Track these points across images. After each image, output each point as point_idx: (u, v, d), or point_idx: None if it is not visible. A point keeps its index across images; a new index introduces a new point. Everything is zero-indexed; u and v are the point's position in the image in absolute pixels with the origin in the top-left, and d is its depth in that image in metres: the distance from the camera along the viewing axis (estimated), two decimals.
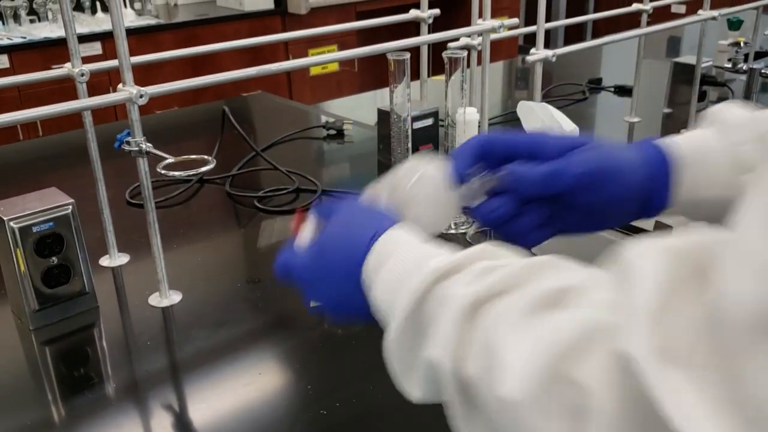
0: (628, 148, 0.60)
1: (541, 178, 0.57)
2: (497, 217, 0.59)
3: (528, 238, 0.61)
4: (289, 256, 0.60)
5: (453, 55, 1.04)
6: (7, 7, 3.01)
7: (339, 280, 0.54)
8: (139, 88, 0.80)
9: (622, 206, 0.59)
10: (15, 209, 0.85)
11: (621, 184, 0.58)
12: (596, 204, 0.58)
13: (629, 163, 0.58)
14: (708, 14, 1.50)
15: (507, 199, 0.59)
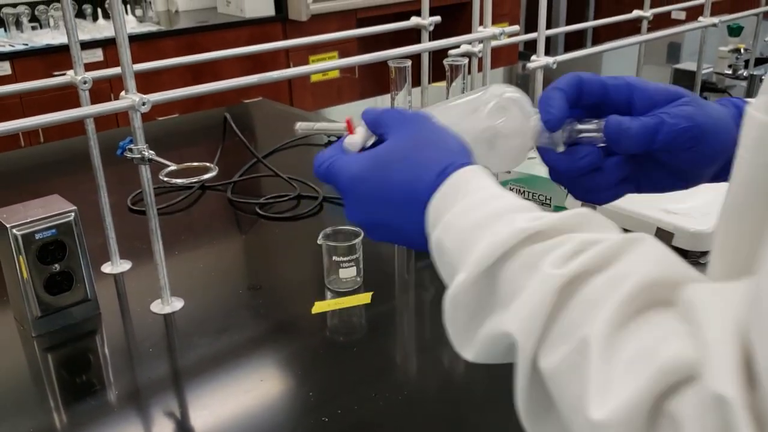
0: (719, 105, 0.57)
1: (642, 134, 0.53)
2: (581, 168, 0.56)
3: (607, 194, 0.58)
4: (337, 157, 0.54)
5: (454, 62, 1.04)
6: (9, 14, 3.02)
7: (396, 205, 0.50)
8: (142, 96, 0.80)
9: (709, 166, 0.57)
10: (17, 216, 0.86)
11: (715, 143, 0.55)
12: (686, 162, 0.56)
13: (723, 121, 0.55)
14: (708, 21, 1.51)
15: (594, 149, 0.55)
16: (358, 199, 0.52)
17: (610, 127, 0.54)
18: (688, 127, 0.54)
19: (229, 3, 3.38)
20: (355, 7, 3.54)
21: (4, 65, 2.79)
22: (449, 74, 1.17)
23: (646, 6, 1.53)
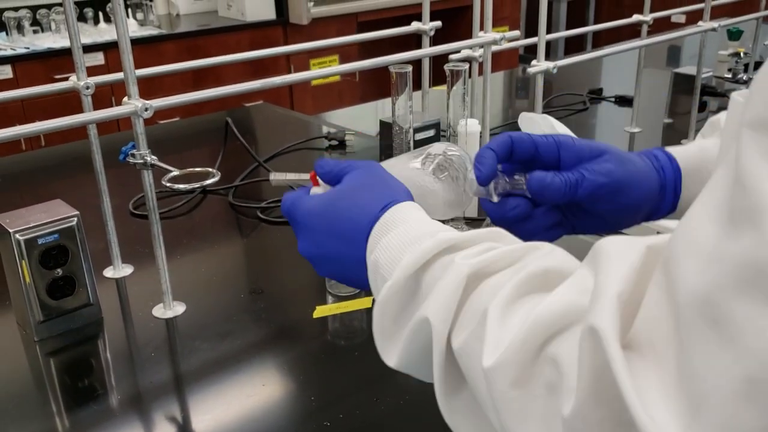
0: (640, 157, 0.63)
1: (563, 188, 0.60)
2: (514, 216, 0.62)
3: (541, 237, 0.62)
4: (298, 196, 0.60)
5: (455, 67, 1.05)
6: (11, 18, 3.02)
7: (342, 238, 0.55)
8: (144, 102, 0.81)
9: (634, 213, 0.63)
10: (20, 221, 0.86)
11: (635, 194, 0.61)
12: (608, 211, 0.62)
13: (643, 173, 0.62)
14: (708, 25, 1.51)
15: (523, 200, 0.62)
16: (310, 232, 0.58)
17: (533, 182, 0.61)
18: (606, 182, 0.60)
19: (230, 6, 3.38)
20: (355, 10, 3.54)
21: (5, 69, 2.79)
22: (450, 79, 1.17)
23: (646, 10, 1.54)
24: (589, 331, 0.34)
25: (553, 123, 1.09)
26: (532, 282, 0.43)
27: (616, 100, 1.91)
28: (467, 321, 0.44)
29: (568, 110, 1.83)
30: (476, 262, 0.45)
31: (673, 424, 0.31)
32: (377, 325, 0.50)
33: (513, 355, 0.39)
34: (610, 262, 0.36)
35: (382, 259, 0.51)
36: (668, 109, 1.72)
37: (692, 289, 0.31)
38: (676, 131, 1.65)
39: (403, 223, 0.52)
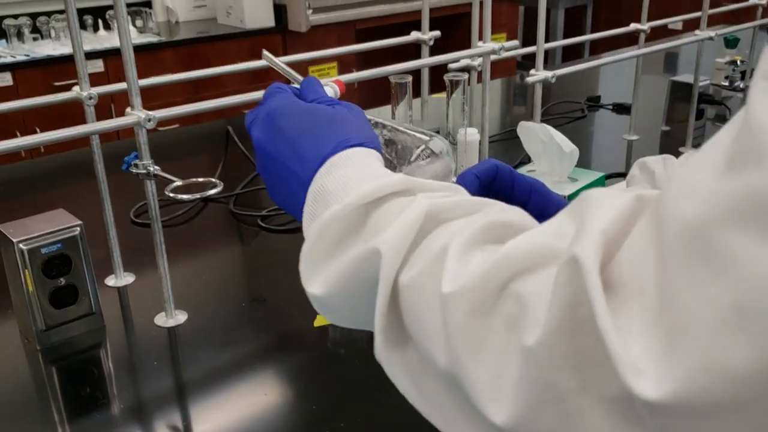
0: None
1: None
2: None
3: None
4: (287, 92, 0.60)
5: (454, 77, 1.06)
6: (11, 26, 3.03)
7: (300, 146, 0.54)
8: (147, 113, 0.81)
9: None
10: (24, 231, 0.87)
11: None
12: None
13: None
14: (705, 34, 1.52)
15: None
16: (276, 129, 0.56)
17: None
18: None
19: (229, 14, 3.39)
20: (354, 18, 3.56)
21: (5, 76, 2.80)
22: (449, 88, 1.18)
23: (644, 19, 1.55)
24: (570, 260, 0.33)
25: (551, 132, 1.10)
26: (495, 231, 0.42)
27: (614, 107, 1.92)
28: (420, 258, 0.42)
29: (566, 118, 1.84)
30: (437, 202, 0.44)
31: (649, 355, 0.30)
32: (308, 249, 0.47)
33: (476, 283, 0.38)
34: (597, 205, 0.36)
35: (331, 185, 0.50)
36: (666, 116, 1.73)
37: (683, 223, 0.30)
38: (673, 139, 1.65)
39: (364, 165, 0.51)
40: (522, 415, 0.35)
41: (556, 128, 1.12)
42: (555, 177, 1.13)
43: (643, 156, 0.71)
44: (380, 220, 0.46)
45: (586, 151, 1.63)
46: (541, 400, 0.34)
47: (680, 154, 1.57)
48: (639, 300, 0.32)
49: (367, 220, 0.46)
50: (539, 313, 0.34)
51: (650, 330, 0.30)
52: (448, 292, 0.38)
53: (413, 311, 0.42)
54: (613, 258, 0.34)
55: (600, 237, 0.33)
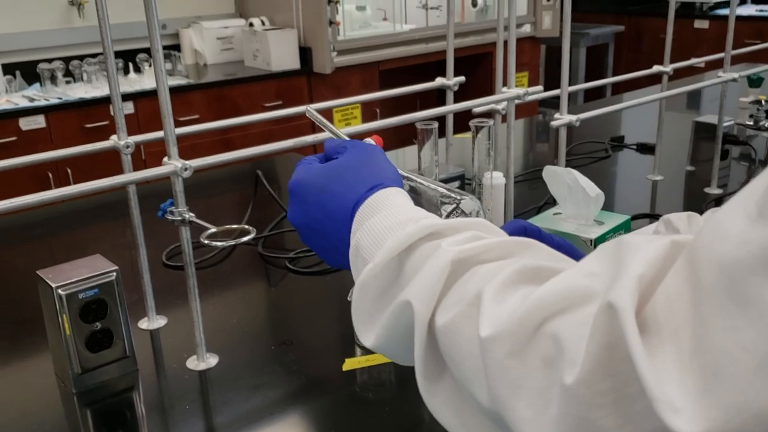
0: None
1: None
2: None
3: None
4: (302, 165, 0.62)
5: (480, 123, 1.08)
6: (45, 70, 3.12)
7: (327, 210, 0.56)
8: (184, 162, 0.84)
9: None
10: (62, 276, 0.89)
11: None
12: None
13: None
14: (728, 75, 1.53)
15: None
16: (300, 200, 0.59)
17: None
18: None
19: (256, 57, 3.47)
20: (377, 59, 3.62)
21: (39, 118, 2.88)
22: (474, 132, 1.20)
23: (666, 61, 1.57)
24: (607, 306, 0.35)
25: (576, 176, 1.11)
26: (527, 274, 0.44)
27: (637, 147, 1.92)
28: (454, 302, 0.44)
29: (590, 158, 1.85)
30: (463, 249, 0.46)
31: (685, 393, 0.31)
32: (356, 307, 0.50)
33: (512, 326, 0.39)
34: (633, 250, 0.37)
35: (364, 241, 0.52)
36: (690, 156, 1.73)
37: (718, 268, 0.32)
38: (698, 179, 1.66)
39: (387, 208, 0.53)
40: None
41: (580, 169, 1.14)
42: (581, 220, 1.13)
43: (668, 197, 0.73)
44: (411, 269, 0.48)
45: (610, 191, 1.63)
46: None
47: (705, 195, 1.57)
48: (675, 341, 0.33)
49: (401, 270, 0.49)
50: (576, 353, 0.36)
51: (686, 370, 0.32)
52: (485, 336, 0.40)
53: (452, 354, 0.44)
54: (649, 300, 0.35)
55: (636, 282, 0.35)
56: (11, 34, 3.17)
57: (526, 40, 4.13)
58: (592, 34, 4.99)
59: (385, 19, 4.04)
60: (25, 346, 1.06)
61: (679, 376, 0.32)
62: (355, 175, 0.57)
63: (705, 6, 4.94)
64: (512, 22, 1.21)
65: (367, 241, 0.52)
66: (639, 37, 5.20)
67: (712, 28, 4.83)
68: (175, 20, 3.61)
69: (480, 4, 4.17)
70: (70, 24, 3.33)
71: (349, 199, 0.55)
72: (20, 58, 3.19)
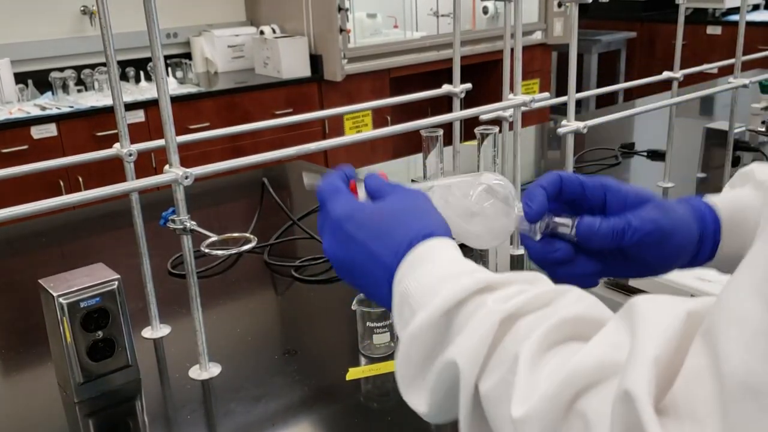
0: (681, 205, 0.64)
1: (610, 235, 0.60)
2: (554, 259, 0.62)
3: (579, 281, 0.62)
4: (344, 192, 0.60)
5: (485, 131, 1.07)
6: (57, 78, 3.15)
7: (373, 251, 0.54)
8: (185, 170, 0.84)
9: (674, 260, 0.63)
10: (64, 285, 0.89)
11: (678, 242, 0.61)
12: (652, 257, 0.62)
13: (685, 222, 0.62)
14: (739, 81, 1.52)
15: (566, 243, 0.61)
16: (342, 234, 0.57)
17: (582, 227, 0.60)
18: (653, 229, 0.60)
19: (266, 64, 3.48)
20: (388, 67, 3.61)
21: (50, 127, 2.90)
22: (480, 140, 1.19)
23: (676, 67, 1.55)
24: (624, 394, 0.34)
25: None
26: (564, 329, 0.43)
27: (648, 154, 1.91)
28: (496, 365, 0.43)
29: (600, 165, 1.83)
30: (509, 306, 0.45)
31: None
32: (404, 357, 0.48)
33: (543, 406, 0.39)
34: (648, 325, 0.37)
35: (413, 288, 0.50)
36: (701, 163, 1.71)
37: (737, 362, 0.32)
38: (709, 186, 1.64)
39: (439, 258, 0.52)
40: None
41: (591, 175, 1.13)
42: None
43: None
44: (459, 325, 0.47)
45: None
46: None
47: None
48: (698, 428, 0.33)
49: (450, 325, 0.47)
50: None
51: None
52: (517, 417, 0.40)
53: (494, 424, 0.43)
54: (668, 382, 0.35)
55: (652, 365, 0.35)
56: (23, 43, 3.20)
57: (538, 47, 4.12)
58: (604, 41, 4.97)
59: (396, 27, 4.04)
60: (28, 355, 1.06)
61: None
62: (407, 218, 0.55)
63: (718, 12, 4.91)
64: (518, 29, 1.20)
65: (415, 288, 0.50)
66: (651, 44, 5.17)
67: (725, 33, 4.79)
68: (187, 28, 3.62)
69: (491, 11, 4.16)
70: (82, 33, 3.35)
71: (400, 244, 0.53)
72: (32, 66, 3.21)
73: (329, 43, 3.38)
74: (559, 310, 0.44)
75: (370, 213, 0.57)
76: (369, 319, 0.98)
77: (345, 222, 0.57)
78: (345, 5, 3.35)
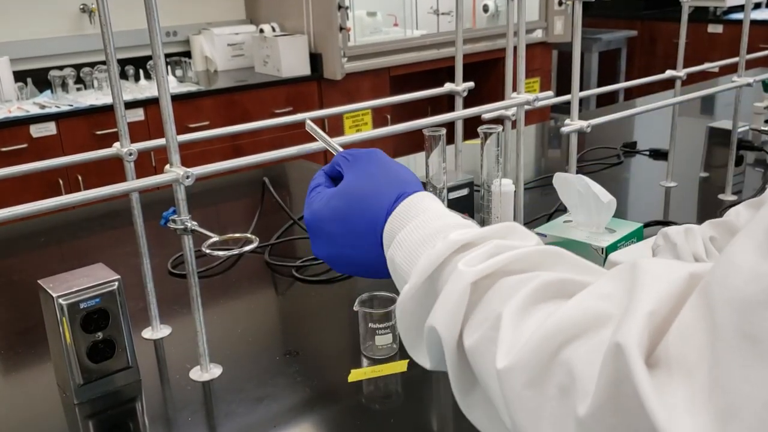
0: None
1: None
2: None
3: None
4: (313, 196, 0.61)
5: (488, 130, 1.06)
6: (56, 76, 3.13)
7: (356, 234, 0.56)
8: (186, 170, 0.83)
9: None
10: (64, 286, 0.88)
11: None
12: None
13: None
14: (743, 81, 1.51)
15: None
16: (322, 233, 0.59)
17: None
18: None
19: (266, 63, 3.47)
20: (388, 65, 3.60)
21: (49, 125, 2.89)
22: (483, 139, 1.18)
23: (679, 66, 1.54)
24: (614, 346, 0.34)
25: (588, 183, 1.09)
26: (548, 289, 0.44)
27: (650, 153, 1.90)
28: (479, 322, 0.44)
29: (602, 164, 1.82)
30: (482, 268, 0.46)
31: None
32: (400, 325, 0.51)
33: (527, 356, 0.40)
34: (649, 280, 0.37)
35: (398, 258, 0.52)
36: (704, 162, 1.70)
37: (731, 305, 0.31)
38: (712, 185, 1.63)
39: (416, 216, 0.53)
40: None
41: (591, 175, 1.12)
42: (592, 228, 1.11)
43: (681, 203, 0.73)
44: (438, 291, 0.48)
45: (622, 198, 1.61)
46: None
47: (720, 201, 1.54)
48: (688, 379, 0.33)
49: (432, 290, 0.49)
50: (588, 384, 0.36)
51: (700, 409, 0.31)
52: (501, 367, 0.40)
53: (480, 376, 0.44)
54: (662, 337, 0.35)
55: (646, 319, 0.34)
56: (23, 41, 3.19)
57: (538, 46, 4.11)
58: (605, 39, 4.96)
59: (396, 25, 4.03)
60: (28, 356, 1.05)
61: (691, 415, 0.31)
62: (373, 189, 0.56)
63: (719, 10, 4.90)
64: (521, 28, 1.19)
65: (400, 257, 0.52)
66: (652, 42, 5.16)
67: (726, 32, 4.78)
68: (186, 27, 3.61)
69: (491, 10, 4.15)
70: (82, 31, 3.34)
71: (377, 218, 0.55)
72: (31, 65, 3.20)
73: (329, 42, 3.37)
74: (544, 274, 0.45)
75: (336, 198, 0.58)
76: (371, 320, 0.97)
77: (317, 220, 0.59)
78: (345, 3, 3.34)
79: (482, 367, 0.44)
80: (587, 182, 1.09)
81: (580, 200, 1.11)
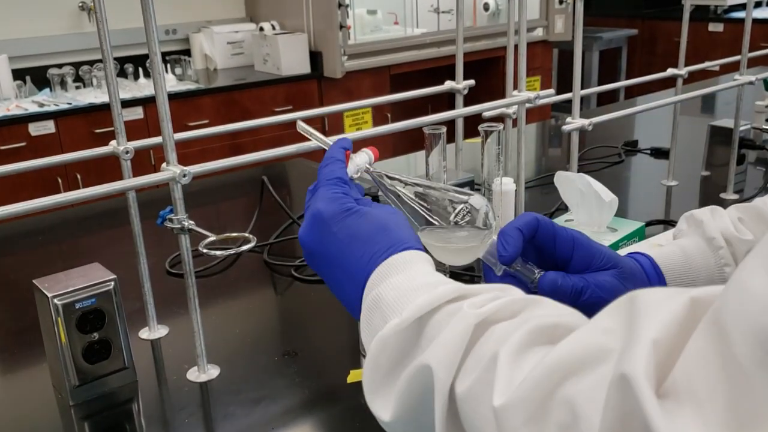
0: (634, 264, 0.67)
1: (570, 292, 0.63)
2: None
3: None
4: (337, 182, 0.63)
5: (489, 128, 1.05)
6: (55, 75, 3.12)
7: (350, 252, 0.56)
8: (183, 168, 0.82)
9: None
10: (59, 286, 0.87)
11: None
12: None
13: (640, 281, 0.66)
14: (745, 79, 1.50)
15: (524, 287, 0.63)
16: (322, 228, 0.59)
17: (545, 281, 0.63)
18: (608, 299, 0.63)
19: (266, 61, 3.46)
20: (388, 63, 3.59)
21: (48, 123, 2.88)
22: (483, 137, 1.17)
23: (681, 64, 1.53)
24: (620, 379, 0.33)
25: (590, 181, 1.08)
26: (543, 333, 0.43)
27: (651, 152, 1.89)
28: (472, 367, 0.43)
29: (603, 163, 1.81)
30: (484, 311, 0.45)
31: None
32: (373, 361, 0.49)
33: (525, 393, 0.38)
34: (649, 310, 0.35)
35: (388, 296, 0.51)
36: (705, 161, 1.69)
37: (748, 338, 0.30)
38: (714, 184, 1.62)
39: (415, 269, 0.53)
40: None
41: (593, 174, 1.11)
42: (594, 227, 1.10)
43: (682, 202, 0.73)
44: (431, 331, 0.47)
45: (624, 197, 1.60)
46: None
47: (721, 200, 1.53)
48: (701, 411, 0.31)
49: (422, 332, 0.48)
50: (593, 420, 0.34)
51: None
52: (499, 405, 0.39)
53: (472, 423, 0.43)
54: (669, 366, 0.33)
55: (650, 348, 0.33)
56: (21, 39, 3.18)
57: (539, 44, 4.10)
58: (605, 38, 4.95)
59: (396, 23, 4.02)
60: (22, 357, 1.05)
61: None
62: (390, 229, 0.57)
63: (719, 9, 4.89)
64: (523, 26, 1.18)
65: (391, 296, 0.51)
66: (653, 41, 5.15)
67: (727, 31, 4.77)
68: (186, 25, 3.61)
69: (492, 8, 4.14)
70: (80, 29, 3.33)
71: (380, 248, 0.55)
72: (30, 63, 3.19)
73: (329, 40, 3.36)
74: (535, 317, 0.44)
75: (356, 216, 0.58)
76: None
77: (330, 218, 0.58)
78: (345, 2, 3.33)
79: (476, 414, 0.42)
80: (589, 181, 1.09)
81: (581, 199, 1.10)
